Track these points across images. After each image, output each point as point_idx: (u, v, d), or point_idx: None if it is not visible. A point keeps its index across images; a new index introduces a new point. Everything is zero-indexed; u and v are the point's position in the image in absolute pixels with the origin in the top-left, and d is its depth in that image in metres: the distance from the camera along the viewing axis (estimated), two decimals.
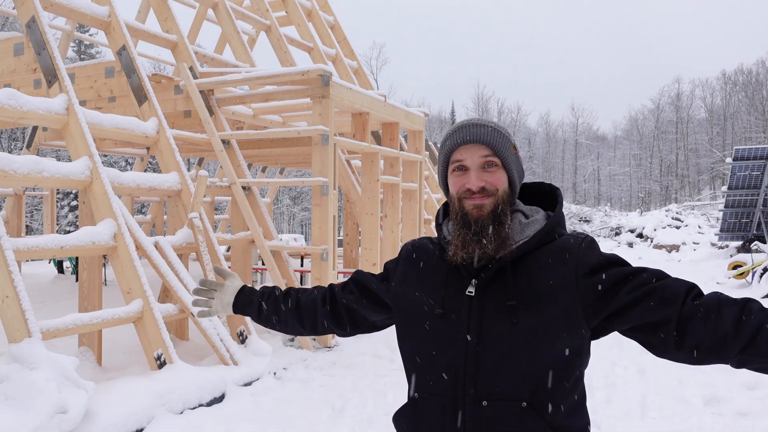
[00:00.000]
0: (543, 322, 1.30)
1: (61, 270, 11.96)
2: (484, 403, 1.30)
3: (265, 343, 5.73)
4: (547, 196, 1.51)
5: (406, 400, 1.49)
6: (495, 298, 1.34)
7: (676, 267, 15.54)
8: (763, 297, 9.52)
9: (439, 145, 1.52)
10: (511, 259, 1.35)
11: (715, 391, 4.92)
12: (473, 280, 1.37)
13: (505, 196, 1.39)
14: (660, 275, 1.31)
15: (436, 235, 1.55)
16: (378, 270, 7.80)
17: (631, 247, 22.62)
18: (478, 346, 1.32)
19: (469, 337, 1.33)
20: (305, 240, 24.61)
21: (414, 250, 1.55)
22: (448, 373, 1.34)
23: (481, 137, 1.38)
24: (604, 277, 1.32)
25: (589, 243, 1.39)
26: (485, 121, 1.42)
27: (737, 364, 1.21)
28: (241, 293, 1.74)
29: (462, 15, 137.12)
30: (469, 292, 1.36)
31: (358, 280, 1.67)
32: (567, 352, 1.30)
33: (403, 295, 1.50)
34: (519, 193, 1.52)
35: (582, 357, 1.35)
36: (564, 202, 1.74)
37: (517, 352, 1.29)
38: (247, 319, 5.76)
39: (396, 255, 1.69)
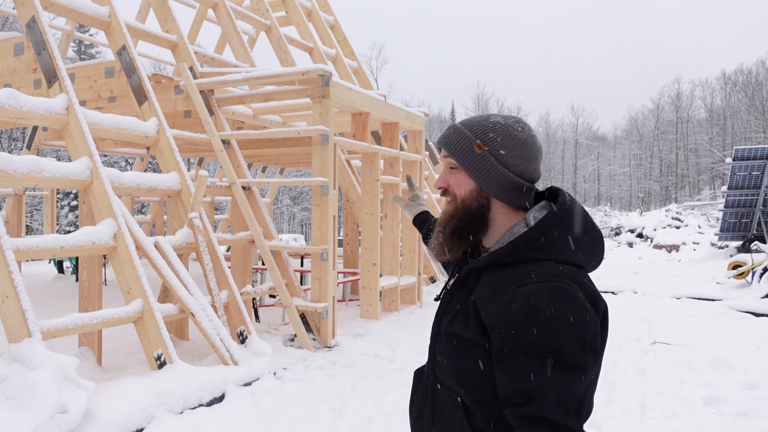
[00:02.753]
0: (468, 335, 1.31)
1: (61, 270, 11.96)
2: (438, 386, 1.42)
3: (265, 343, 5.73)
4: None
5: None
6: (456, 297, 1.42)
7: (676, 267, 15.55)
8: (763, 297, 9.52)
9: None
10: (479, 267, 1.35)
11: (715, 391, 4.92)
12: (456, 274, 1.46)
13: (465, 202, 1.36)
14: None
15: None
16: (378, 270, 7.80)
17: (631, 247, 22.62)
18: (437, 335, 1.45)
19: (434, 325, 1.50)
20: (305, 240, 24.62)
21: None
22: (429, 353, 1.52)
23: (442, 140, 1.42)
24: (491, 336, 1.24)
25: (531, 292, 1.19)
26: (463, 121, 1.40)
27: None
28: (419, 217, 2.15)
29: (462, 15, 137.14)
30: (448, 285, 1.49)
31: None
32: (482, 366, 1.28)
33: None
34: (554, 197, 1.39)
35: None
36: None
37: (453, 352, 1.36)
38: (247, 319, 5.77)
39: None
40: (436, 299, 1.55)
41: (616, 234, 25.49)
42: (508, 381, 1.19)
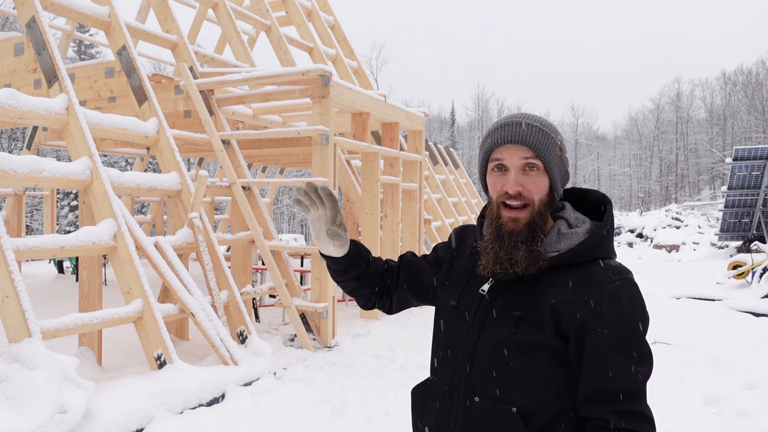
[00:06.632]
0: (540, 341, 1.29)
1: (61, 270, 11.96)
2: (476, 399, 1.33)
3: (265, 343, 5.73)
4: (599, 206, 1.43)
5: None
6: (504, 303, 1.34)
7: (676, 267, 15.54)
8: (763, 297, 9.52)
9: (480, 141, 1.43)
10: (540, 269, 1.31)
11: (715, 391, 4.92)
12: (490, 278, 1.38)
13: (542, 206, 1.32)
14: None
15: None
16: None
17: (631, 247, 22.62)
18: (476, 345, 1.35)
19: (470, 334, 1.36)
20: (305, 240, 24.60)
21: (458, 238, 1.58)
22: (451, 363, 1.40)
23: (524, 137, 1.30)
24: (583, 337, 1.25)
25: (616, 291, 1.24)
26: (531, 118, 1.34)
27: None
28: (347, 257, 1.55)
29: (462, 15, 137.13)
30: (482, 290, 1.38)
31: (412, 263, 1.65)
32: (558, 372, 1.30)
33: (441, 282, 1.55)
34: (572, 197, 1.46)
35: (573, 378, 1.31)
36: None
37: (512, 360, 1.30)
38: (247, 319, 5.77)
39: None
40: (455, 307, 1.43)
41: (616, 234, 25.50)
42: (601, 379, 1.23)
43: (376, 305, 1.68)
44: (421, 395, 1.50)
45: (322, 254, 1.55)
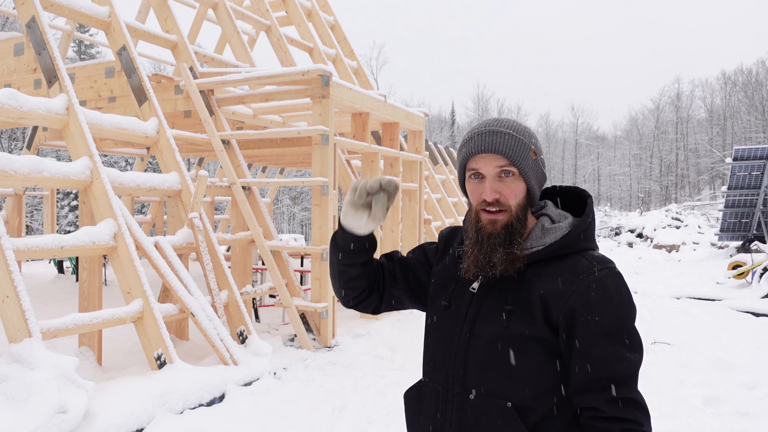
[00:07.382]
0: (532, 333, 1.30)
1: (61, 270, 11.95)
2: (471, 396, 1.34)
3: (265, 343, 5.73)
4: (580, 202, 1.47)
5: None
6: (494, 299, 1.36)
7: (676, 267, 15.54)
8: (763, 297, 9.52)
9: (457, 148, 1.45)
10: (523, 263, 1.34)
11: (715, 391, 4.92)
12: (480, 276, 1.39)
13: (519, 210, 1.34)
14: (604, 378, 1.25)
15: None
16: None
17: (631, 247, 22.60)
18: (469, 342, 1.37)
19: (463, 331, 1.38)
20: (305, 240, 24.61)
21: (446, 239, 1.60)
22: (444, 362, 1.41)
23: (497, 146, 1.32)
24: (573, 326, 1.28)
25: (602, 279, 1.28)
26: (504, 125, 1.35)
27: None
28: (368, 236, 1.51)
29: (462, 15, 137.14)
30: (472, 288, 1.41)
31: (407, 263, 1.61)
32: (551, 365, 1.32)
33: (432, 283, 1.55)
34: (555, 195, 1.49)
35: (566, 369, 1.34)
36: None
37: (505, 354, 1.32)
38: (247, 319, 5.77)
39: None
40: (446, 306, 1.44)
41: (616, 234, 25.48)
42: (592, 368, 1.25)
43: (362, 303, 1.60)
44: (414, 397, 1.50)
45: (341, 226, 1.47)
